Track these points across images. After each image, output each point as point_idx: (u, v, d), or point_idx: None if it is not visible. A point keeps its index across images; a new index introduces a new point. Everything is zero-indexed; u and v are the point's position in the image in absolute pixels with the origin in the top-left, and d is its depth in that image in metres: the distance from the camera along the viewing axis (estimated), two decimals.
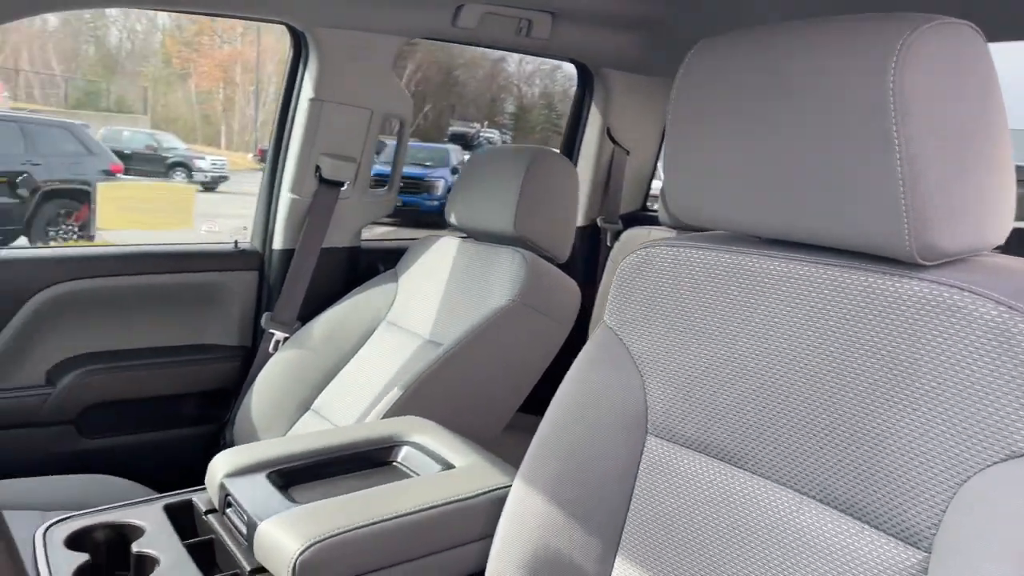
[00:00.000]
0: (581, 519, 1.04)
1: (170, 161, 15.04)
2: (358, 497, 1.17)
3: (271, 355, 1.99)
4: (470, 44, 2.16)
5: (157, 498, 1.30)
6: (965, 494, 0.74)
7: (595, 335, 1.11)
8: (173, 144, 15.55)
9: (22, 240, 7.85)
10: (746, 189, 0.89)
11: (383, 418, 1.59)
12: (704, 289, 0.97)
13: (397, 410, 1.60)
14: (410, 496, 1.18)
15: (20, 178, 7.96)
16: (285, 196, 2.07)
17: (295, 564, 1.03)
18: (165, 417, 2.01)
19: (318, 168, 2.05)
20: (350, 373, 1.92)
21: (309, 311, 2.03)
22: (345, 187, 2.11)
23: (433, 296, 1.90)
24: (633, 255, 1.06)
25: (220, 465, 1.27)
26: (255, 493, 1.20)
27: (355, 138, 2.07)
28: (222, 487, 1.23)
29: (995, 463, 0.72)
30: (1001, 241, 0.83)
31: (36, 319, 1.83)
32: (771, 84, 0.85)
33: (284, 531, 1.07)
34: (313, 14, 1.88)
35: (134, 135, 16.06)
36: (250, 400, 1.93)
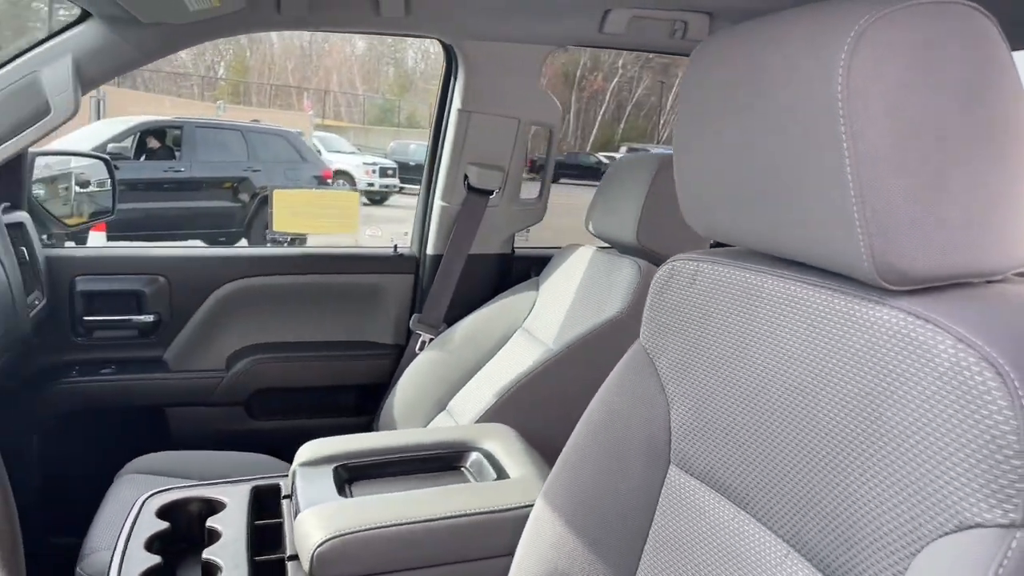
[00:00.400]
0: (597, 547, 0.99)
1: None
2: (396, 498, 1.20)
3: (417, 355, 2.08)
4: (623, 49, 2.11)
5: (250, 479, 1.42)
6: (915, 569, 0.60)
7: (629, 352, 1.05)
8: None
9: (243, 242, 8.69)
10: (734, 198, 0.80)
11: (478, 421, 1.61)
12: (717, 308, 0.88)
13: (493, 415, 1.61)
14: (446, 502, 1.19)
15: (240, 183, 8.92)
16: (437, 204, 2.16)
17: (314, 554, 1.08)
18: (324, 406, 2.18)
19: (466, 177, 2.11)
20: (481, 377, 1.95)
21: (456, 314, 2.10)
22: (493, 195, 2.15)
23: (562, 304, 1.88)
24: (662, 268, 0.99)
25: (301, 453, 1.36)
26: (315, 483, 1.27)
27: (503, 147, 2.11)
28: (293, 474, 1.32)
29: (944, 535, 0.58)
30: (1018, 266, 0.66)
31: (218, 310, 2.07)
32: (750, 83, 0.76)
33: (315, 521, 1.13)
34: (460, 28, 1.94)
35: (419, 148, 17.55)
36: (394, 396, 2.03)
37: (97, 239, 5.86)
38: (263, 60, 34.40)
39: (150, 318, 2.02)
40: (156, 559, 1.17)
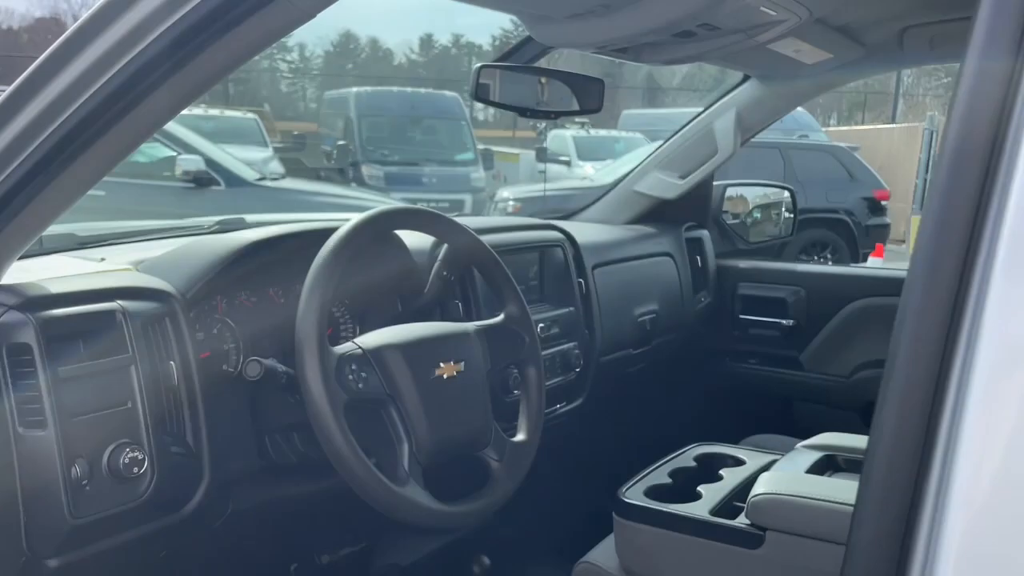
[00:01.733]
0: None
1: None
2: (840, 484, 1.37)
3: None
4: None
5: (776, 453, 1.54)
6: None
7: None
8: None
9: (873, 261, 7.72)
10: None
11: None
12: None
13: None
14: None
15: None
16: None
17: (750, 502, 1.28)
18: None
19: None
20: None
21: None
22: None
23: None
24: None
25: (811, 439, 1.51)
26: (797, 460, 1.42)
27: None
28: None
29: None
30: None
31: (848, 322, 2.26)
32: None
33: (765, 477, 1.32)
34: None
35: None
36: None
37: (873, 261, 6.16)
38: None
39: (790, 322, 2.29)
40: (668, 480, 1.44)
